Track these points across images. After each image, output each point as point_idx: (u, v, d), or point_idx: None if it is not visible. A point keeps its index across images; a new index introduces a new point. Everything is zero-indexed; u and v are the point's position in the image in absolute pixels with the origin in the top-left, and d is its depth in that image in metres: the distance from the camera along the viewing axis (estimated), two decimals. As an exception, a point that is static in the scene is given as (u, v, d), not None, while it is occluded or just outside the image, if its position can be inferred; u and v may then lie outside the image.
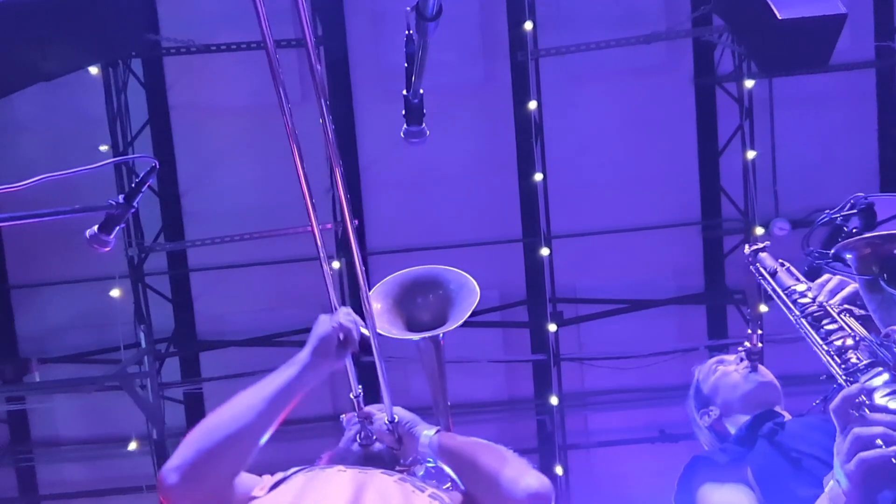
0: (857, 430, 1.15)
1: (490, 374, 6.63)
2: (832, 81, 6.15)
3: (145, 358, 5.91)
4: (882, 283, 1.27)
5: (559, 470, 6.20)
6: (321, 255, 1.89)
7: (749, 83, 5.90)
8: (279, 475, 1.80)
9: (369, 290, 2.04)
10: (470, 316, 2.27)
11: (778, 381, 2.27)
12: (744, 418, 2.20)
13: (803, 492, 1.73)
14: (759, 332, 2.09)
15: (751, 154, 5.98)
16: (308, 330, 1.82)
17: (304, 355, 1.83)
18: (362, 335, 1.92)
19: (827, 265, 1.63)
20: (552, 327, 6.12)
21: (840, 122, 6.37)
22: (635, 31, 5.77)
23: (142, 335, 5.95)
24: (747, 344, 2.15)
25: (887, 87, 6.39)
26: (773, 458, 1.95)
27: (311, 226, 1.85)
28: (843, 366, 1.34)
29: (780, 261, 1.86)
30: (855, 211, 2.11)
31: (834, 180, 6.04)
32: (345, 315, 1.90)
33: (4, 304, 6.51)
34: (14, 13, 4.19)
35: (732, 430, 2.24)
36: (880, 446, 1.12)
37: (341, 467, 1.80)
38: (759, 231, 5.90)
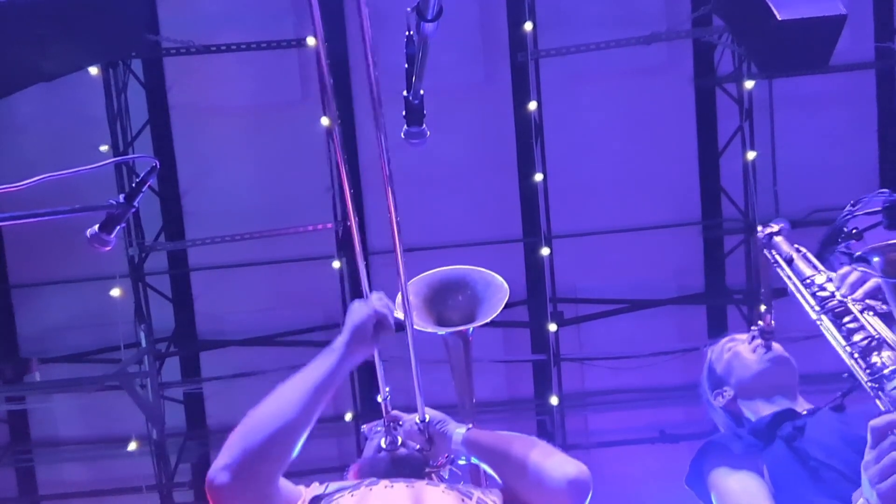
0: (894, 453, 1.13)
1: (490, 374, 6.62)
2: (832, 82, 6.15)
3: (145, 358, 5.91)
4: None
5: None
6: (356, 243, 1.90)
7: (749, 84, 5.90)
8: (315, 489, 1.78)
9: (403, 278, 2.03)
10: (469, 316, 2.28)
11: (793, 359, 2.22)
12: (761, 404, 2.17)
13: (819, 501, 1.72)
14: (772, 312, 2.05)
15: (751, 154, 5.98)
16: (309, 330, 1.81)
17: (340, 344, 1.82)
18: (397, 319, 1.90)
19: (851, 265, 1.58)
20: (552, 327, 6.12)
21: (840, 123, 6.37)
22: (635, 31, 5.77)
23: (142, 335, 5.95)
24: (760, 323, 2.12)
25: (887, 87, 6.39)
26: (791, 465, 1.92)
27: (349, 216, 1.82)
28: (867, 370, 1.31)
29: (796, 246, 1.81)
30: (880, 209, 2.09)
31: (834, 180, 6.03)
32: (378, 300, 1.89)
33: (4, 304, 6.51)
34: (14, 13, 4.18)
35: (748, 413, 2.21)
36: None
37: (387, 482, 1.78)
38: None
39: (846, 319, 1.45)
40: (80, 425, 6.65)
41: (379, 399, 2.04)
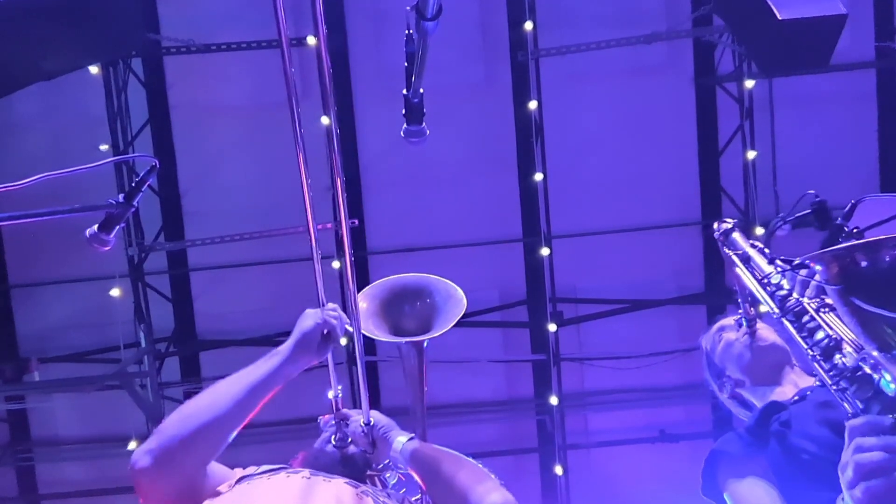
0: (856, 457, 1.15)
1: (490, 374, 6.62)
2: (832, 81, 6.15)
3: (145, 357, 5.91)
4: (853, 299, 1.24)
5: (559, 470, 6.20)
6: (314, 250, 1.89)
7: (749, 83, 5.90)
8: (249, 470, 1.80)
9: (359, 291, 2.05)
10: (470, 316, 2.29)
11: (780, 339, 2.23)
12: (761, 389, 2.19)
13: (820, 495, 1.72)
14: (749, 299, 2.05)
15: (751, 154, 5.98)
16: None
17: (285, 349, 1.85)
18: (346, 331, 1.92)
19: (793, 272, 1.58)
20: (552, 327, 6.12)
21: (840, 122, 6.37)
22: (635, 31, 5.77)
23: (142, 334, 5.95)
24: (740, 311, 2.13)
25: (887, 87, 6.39)
26: (786, 464, 1.93)
27: (307, 221, 1.84)
28: (830, 371, 1.32)
29: (752, 241, 1.81)
30: (808, 211, 2.10)
31: (834, 180, 6.02)
32: (330, 311, 1.90)
33: (4, 304, 6.51)
34: (14, 12, 4.19)
35: (753, 400, 2.23)
36: (884, 471, 1.12)
37: (307, 473, 1.79)
38: (760, 231, 5.89)
39: (805, 319, 1.44)
40: (80, 425, 6.65)
41: (330, 395, 2.05)
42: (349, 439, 1.99)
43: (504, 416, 6.66)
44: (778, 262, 1.66)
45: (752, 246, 1.77)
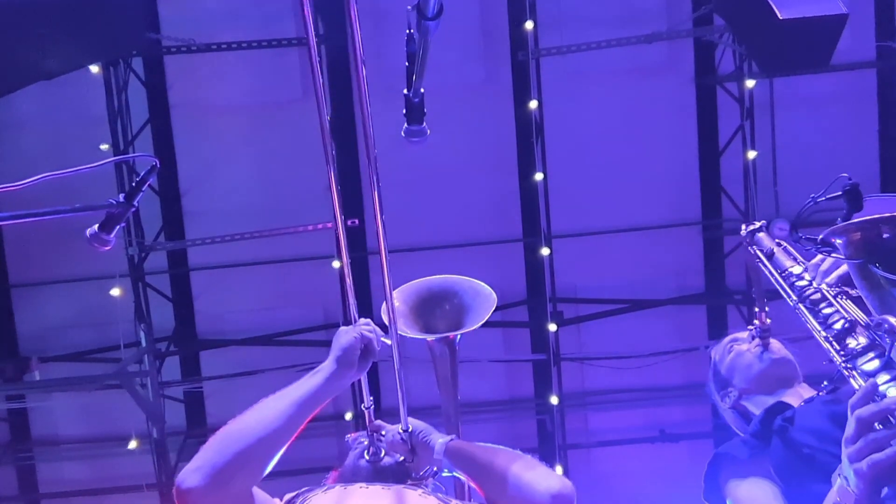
0: (870, 434, 1.15)
1: (490, 373, 6.62)
2: (833, 81, 6.15)
3: (145, 357, 5.91)
4: (872, 267, 1.26)
5: (559, 470, 6.20)
6: (343, 252, 1.89)
7: (750, 83, 5.90)
8: (288, 496, 1.77)
9: (388, 283, 2.03)
10: (470, 315, 2.29)
11: (791, 355, 2.24)
12: (766, 400, 2.19)
13: (818, 488, 1.73)
14: (766, 309, 2.07)
15: (751, 154, 5.98)
16: (308, 329, 1.82)
17: (328, 364, 1.81)
18: (383, 345, 1.90)
19: (817, 250, 1.61)
20: (552, 327, 6.12)
21: (840, 122, 6.37)
22: (636, 30, 5.77)
23: (142, 334, 5.95)
24: (756, 322, 2.14)
25: (888, 87, 6.38)
26: (787, 458, 1.94)
27: (336, 220, 1.83)
28: (841, 352, 1.33)
29: (777, 241, 1.84)
30: (840, 193, 2.12)
31: (834, 180, 6.02)
32: (365, 326, 1.88)
33: (4, 303, 6.51)
34: (15, 11, 4.19)
35: (755, 410, 2.24)
36: (890, 445, 1.13)
37: (363, 484, 1.78)
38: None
39: (822, 306, 1.48)
40: (81, 424, 6.65)
41: (363, 407, 2.02)
42: (382, 453, 1.96)
43: (504, 415, 6.66)
44: (790, 248, 1.68)
45: (778, 244, 1.81)
